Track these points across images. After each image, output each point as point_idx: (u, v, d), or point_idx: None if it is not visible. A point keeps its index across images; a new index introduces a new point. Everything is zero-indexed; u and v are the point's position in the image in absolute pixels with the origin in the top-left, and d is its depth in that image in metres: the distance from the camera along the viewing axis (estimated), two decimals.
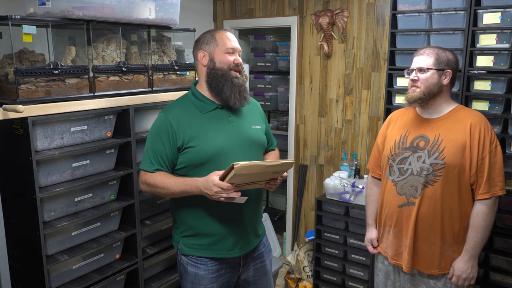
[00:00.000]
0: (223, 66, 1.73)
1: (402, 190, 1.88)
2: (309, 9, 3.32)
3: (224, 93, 1.72)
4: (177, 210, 1.81)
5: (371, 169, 2.14)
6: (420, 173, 1.82)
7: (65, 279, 1.96)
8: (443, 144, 1.79)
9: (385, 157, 1.97)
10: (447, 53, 1.85)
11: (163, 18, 2.24)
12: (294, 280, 3.24)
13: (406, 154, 1.88)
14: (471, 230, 1.79)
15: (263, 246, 1.91)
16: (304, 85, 3.46)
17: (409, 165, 1.86)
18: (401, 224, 1.89)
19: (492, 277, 2.33)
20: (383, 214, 1.98)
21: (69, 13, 1.85)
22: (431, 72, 1.81)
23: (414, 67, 1.86)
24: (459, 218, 1.81)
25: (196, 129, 1.70)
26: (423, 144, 1.84)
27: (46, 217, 1.85)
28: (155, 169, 1.69)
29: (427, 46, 1.91)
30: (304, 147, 3.55)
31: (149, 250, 2.29)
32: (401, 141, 1.91)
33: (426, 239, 1.84)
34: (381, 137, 2.06)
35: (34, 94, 1.77)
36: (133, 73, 2.17)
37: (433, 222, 1.81)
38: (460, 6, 2.29)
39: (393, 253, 1.95)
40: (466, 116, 1.82)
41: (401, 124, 1.98)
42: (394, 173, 1.91)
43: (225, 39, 1.74)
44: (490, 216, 1.77)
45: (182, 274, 1.82)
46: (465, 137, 1.77)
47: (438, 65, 1.81)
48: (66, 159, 1.91)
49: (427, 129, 1.86)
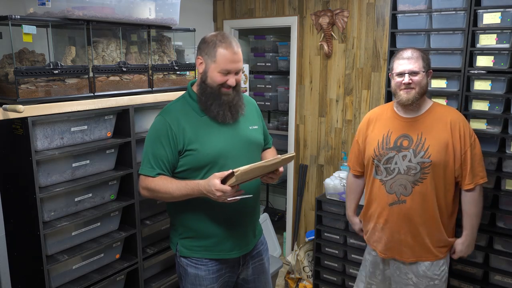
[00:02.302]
0: (213, 84, 1.67)
1: (391, 189, 1.97)
2: (309, 9, 3.32)
3: (212, 111, 1.68)
4: (175, 212, 1.80)
5: (351, 167, 2.24)
6: (408, 171, 1.92)
7: (65, 279, 1.96)
8: (427, 142, 1.90)
9: (369, 157, 2.04)
10: (425, 53, 1.97)
11: (163, 18, 2.24)
12: (294, 280, 3.24)
13: (391, 154, 1.96)
14: (466, 217, 1.96)
15: (261, 245, 1.92)
16: (304, 85, 3.46)
17: (395, 164, 1.95)
18: (393, 221, 1.98)
19: (492, 277, 2.33)
20: (371, 210, 2.08)
21: (69, 13, 1.85)
22: (422, 74, 1.91)
23: (405, 70, 1.90)
24: (446, 208, 1.95)
25: (195, 131, 1.68)
26: (407, 144, 1.94)
27: (46, 217, 1.85)
28: (157, 173, 1.66)
29: (408, 48, 1.97)
30: (304, 147, 3.55)
31: (149, 250, 2.29)
32: (384, 141, 1.99)
33: (418, 232, 1.94)
34: (361, 137, 2.14)
35: (34, 94, 1.77)
36: (133, 73, 2.17)
37: (425, 216, 1.93)
38: (460, 6, 2.29)
39: (383, 247, 2.04)
40: (444, 114, 1.94)
41: (381, 124, 2.05)
42: (381, 173, 2.00)
43: (224, 58, 1.63)
44: (479, 201, 1.94)
45: (182, 276, 1.81)
46: (447, 135, 1.89)
47: (425, 67, 1.93)
48: (66, 159, 1.91)
49: (409, 128, 1.96)
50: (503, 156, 2.23)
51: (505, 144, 2.26)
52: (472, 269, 2.38)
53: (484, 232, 2.31)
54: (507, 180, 2.24)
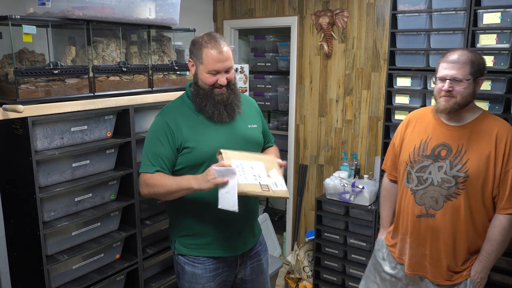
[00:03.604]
0: (204, 86, 1.69)
1: (421, 200, 1.80)
2: (309, 9, 3.32)
3: (207, 112, 1.70)
4: (173, 210, 1.81)
5: (388, 171, 2.05)
6: (442, 184, 1.75)
7: (65, 279, 1.96)
8: (467, 155, 1.72)
9: (403, 162, 1.88)
10: (478, 57, 1.72)
11: (163, 18, 2.24)
12: (294, 280, 3.24)
13: (426, 163, 1.79)
14: (486, 241, 1.75)
15: (259, 245, 1.92)
16: (304, 85, 3.46)
17: (429, 174, 1.78)
18: (418, 235, 1.82)
19: (492, 277, 2.32)
20: (400, 221, 1.92)
21: (69, 13, 1.85)
22: (468, 83, 1.69)
23: (447, 76, 1.71)
24: (482, 231, 1.75)
25: (193, 130, 1.70)
26: (445, 154, 1.76)
27: (46, 217, 1.85)
28: (155, 170, 1.67)
29: (458, 50, 1.76)
30: (304, 147, 3.55)
31: (149, 250, 2.29)
32: (421, 147, 1.82)
33: (442, 251, 1.78)
34: (398, 139, 1.97)
35: (34, 94, 1.77)
36: (133, 73, 2.17)
37: (454, 235, 1.75)
38: (460, 6, 2.29)
39: (409, 263, 1.87)
40: (492, 125, 1.73)
41: (421, 128, 1.87)
42: (413, 181, 1.83)
43: (210, 58, 1.63)
44: (508, 231, 1.71)
45: (179, 274, 1.82)
46: (490, 148, 1.69)
47: (474, 74, 1.70)
48: (66, 159, 1.91)
49: (450, 137, 1.77)
50: None
51: None
52: None
53: None
54: None
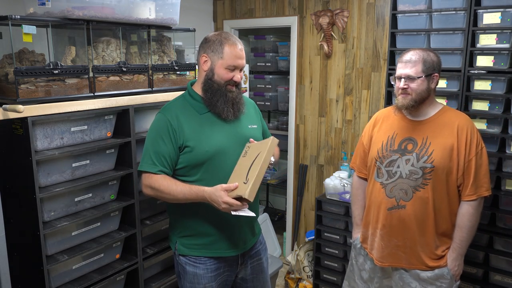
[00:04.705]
0: (220, 81, 1.70)
1: (391, 193, 1.88)
2: (309, 9, 3.32)
3: (218, 107, 1.71)
4: (174, 211, 1.81)
5: (357, 169, 2.13)
6: (410, 176, 1.83)
7: (65, 279, 1.96)
8: (432, 147, 1.81)
9: (372, 159, 1.97)
10: (431, 55, 1.83)
11: (163, 18, 2.24)
12: (294, 280, 3.24)
13: (394, 157, 1.88)
14: (457, 230, 1.84)
15: (259, 244, 1.92)
16: (304, 85, 3.46)
17: (397, 167, 1.87)
18: (391, 227, 1.88)
19: (492, 277, 2.33)
20: (371, 216, 1.98)
21: (69, 13, 1.85)
22: (420, 80, 1.80)
23: (402, 74, 1.82)
24: (448, 218, 1.85)
25: (194, 129, 1.70)
26: (411, 147, 1.86)
27: (46, 217, 1.85)
28: (159, 170, 1.66)
29: (410, 50, 1.87)
30: (304, 147, 3.55)
31: (149, 250, 2.28)
32: (388, 143, 1.92)
33: (415, 240, 1.85)
34: (366, 137, 2.06)
35: (34, 94, 1.77)
36: (133, 73, 2.17)
37: (424, 223, 1.83)
38: (460, 6, 2.29)
39: (380, 255, 1.94)
40: (453, 118, 1.84)
41: (387, 125, 1.97)
42: (383, 176, 1.92)
43: (231, 55, 1.68)
44: (475, 217, 1.82)
45: (181, 274, 1.82)
46: (453, 140, 1.80)
47: (426, 71, 1.80)
48: (66, 159, 1.91)
49: (415, 131, 1.87)
50: (503, 156, 2.23)
51: (505, 144, 2.26)
52: (472, 269, 2.38)
53: (484, 232, 2.31)
54: (507, 180, 2.24)
